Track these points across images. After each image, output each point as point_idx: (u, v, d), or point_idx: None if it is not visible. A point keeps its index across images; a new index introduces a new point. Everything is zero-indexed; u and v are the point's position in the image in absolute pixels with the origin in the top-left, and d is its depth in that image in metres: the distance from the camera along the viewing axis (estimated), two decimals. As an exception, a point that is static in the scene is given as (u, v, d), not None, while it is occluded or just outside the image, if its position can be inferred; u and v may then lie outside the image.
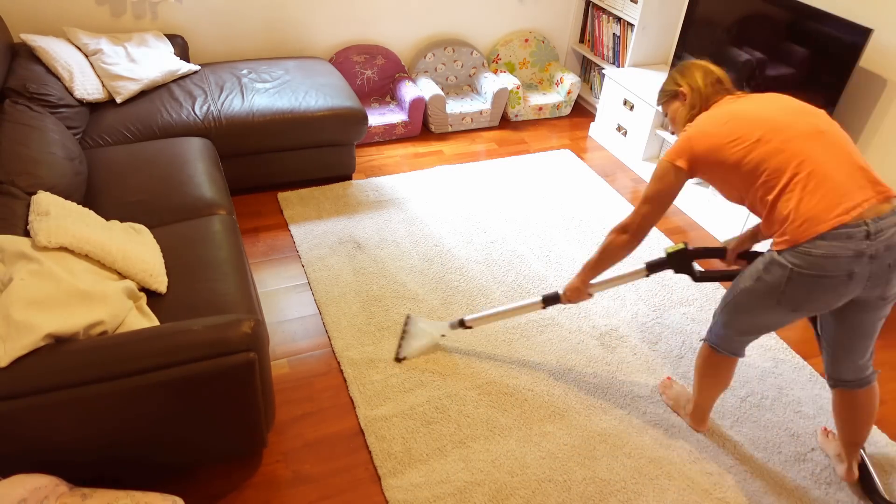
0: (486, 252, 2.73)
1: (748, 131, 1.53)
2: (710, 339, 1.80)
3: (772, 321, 1.61)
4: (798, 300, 1.51)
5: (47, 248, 1.65)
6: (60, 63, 2.59)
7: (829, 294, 1.48)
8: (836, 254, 1.42)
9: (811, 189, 1.44)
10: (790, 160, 1.47)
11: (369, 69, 3.65)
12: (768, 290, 1.54)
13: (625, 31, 3.63)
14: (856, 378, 1.73)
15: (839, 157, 1.47)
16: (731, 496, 1.85)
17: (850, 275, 1.44)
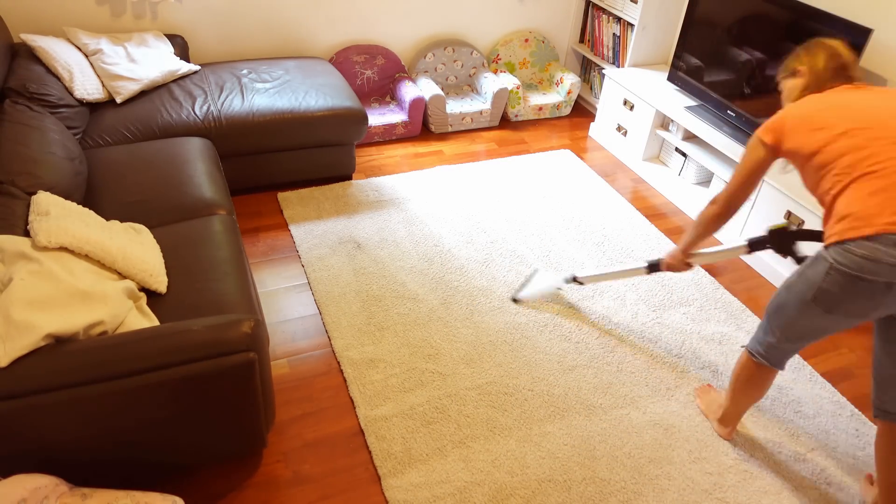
0: (486, 252, 2.73)
1: (838, 121, 1.49)
2: (751, 346, 1.78)
3: (808, 323, 1.58)
4: (832, 299, 1.48)
5: (47, 248, 1.65)
6: (60, 63, 2.59)
7: (864, 300, 1.44)
8: (878, 258, 1.39)
9: (875, 191, 1.41)
10: (866, 159, 1.43)
11: (369, 69, 3.65)
12: (807, 285, 1.53)
13: (625, 31, 3.63)
14: None
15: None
16: (731, 496, 1.85)
17: (890, 285, 1.40)
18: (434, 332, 2.30)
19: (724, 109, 3.02)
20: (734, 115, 2.98)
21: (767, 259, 2.76)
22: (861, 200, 1.42)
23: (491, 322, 2.37)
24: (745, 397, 1.86)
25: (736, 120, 2.98)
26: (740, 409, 1.91)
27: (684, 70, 3.24)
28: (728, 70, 2.99)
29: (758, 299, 2.63)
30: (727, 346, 2.36)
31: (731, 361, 2.30)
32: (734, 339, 2.40)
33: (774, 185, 2.64)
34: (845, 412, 2.14)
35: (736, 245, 1.92)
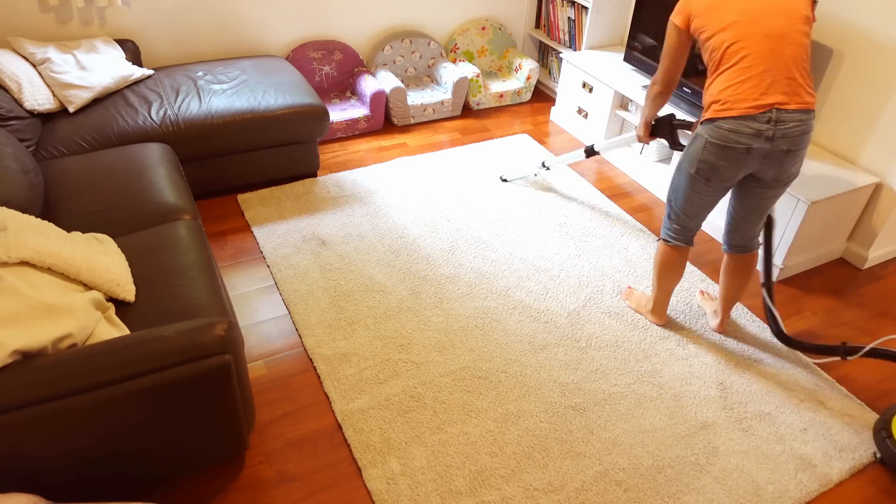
0: (451, 240, 2.77)
1: (728, 13, 1.80)
2: (663, 234, 2.16)
3: (698, 196, 1.97)
4: (709, 168, 1.88)
5: (7, 263, 1.62)
6: (7, 74, 2.53)
7: (731, 165, 1.84)
8: (738, 129, 1.79)
9: (742, 80, 1.77)
10: (740, 51, 1.77)
11: (327, 65, 3.64)
12: (690, 160, 1.92)
13: (579, 14, 3.68)
14: (745, 244, 2.13)
15: (781, 61, 1.76)
16: (704, 459, 1.92)
17: (749, 149, 1.80)
18: (405, 323, 2.33)
19: (681, 87, 3.09)
20: (690, 91, 3.05)
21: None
22: (731, 87, 1.79)
23: (460, 308, 2.41)
24: (667, 280, 2.23)
25: (692, 96, 3.05)
26: (667, 293, 2.28)
27: (639, 50, 3.30)
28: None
29: (719, 270, 2.72)
30: (695, 325, 2.44)
31: (707, 333, 2.38)
32: (707, 319, 2.48)
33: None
34: (805, 369, 2.23)
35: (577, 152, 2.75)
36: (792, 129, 1.78)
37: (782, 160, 1.83)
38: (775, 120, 1.76)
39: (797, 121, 1.78)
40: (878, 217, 2.66)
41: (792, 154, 1.82)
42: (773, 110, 1.75)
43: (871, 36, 2.50)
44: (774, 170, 1.86)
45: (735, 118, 1.78)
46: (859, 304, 2.58)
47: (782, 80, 1.76)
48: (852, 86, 2.62)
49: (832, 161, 2.70)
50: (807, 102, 1.78)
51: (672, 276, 2.20)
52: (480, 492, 1.80)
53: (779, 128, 1.77)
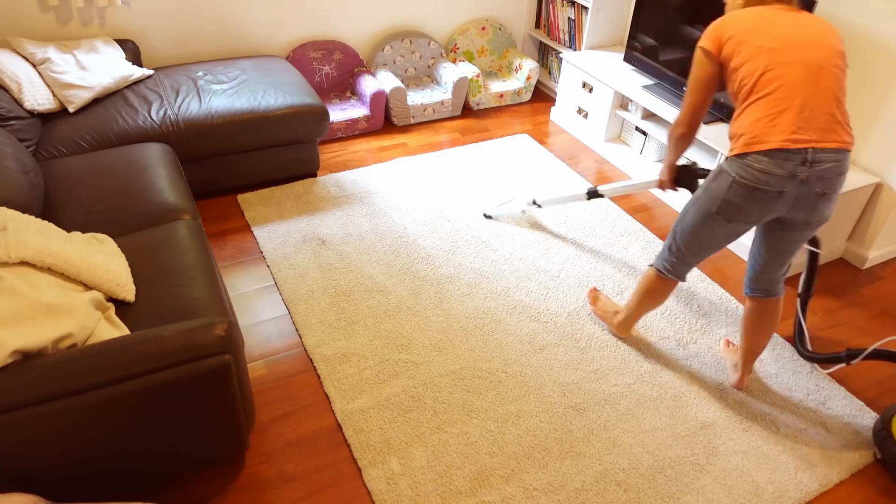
0: (451, 240, 2.77)
1: (764, 39, 1.63)
2: (658, 265, 2.02)
3: (711, 234, 1.80)
4: (734, 209, 1.70)
5: (7, 263, 1.63)
6: (7, 74, 2.53)
7: (760, 206, 1.66)
8: (771, 171, 1.60)
9: (776, 113, 1.59)
10: (775, 81, 1.60)
11: (327, 65, 3.64)
12: (712, 198, 1.73)
13: (579, 14, 3.68)
14: (768, 289, 1.96)
15: (819, 96, 1.59)
16: (704, 459, 1.92)
17: (781, 193, 1.63)
18: (405, 323, 2.33)
19: (681, 86, 3.09)
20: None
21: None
22: (765, 118, 1.60)
23: (461, 308, 2.41)
24: (648, 307, 2.13)
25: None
26: (641, 316, 2.19)
27: (639, 50, 3.30)
28: (682, 48, 3.06)
29: (724, 270, 2.71)
30: (695, 324, 2.44)
31: (706, 335, 2.38)
32: (707, 319, 2.48)
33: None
34: (805, 368, 2.24)
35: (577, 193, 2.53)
36: (828, 171, 1.60)
37: (815, 204, 1.65)
38: (811, 161, 1.58)
39: (834, 161, 1.60)
40: (878, 217, 2.66)
41: (826, 197, 1.65)
42: (808, 150, 1.58)
43: (871, 36, 2.50)
44: (806, 213, 1.68)
45: (767, 153, 1.59)
46: (859, 304, 2.58)
47: (821, 116, 1.59)
48: (852, 86, 2.62)
49: (832, 161, 2.70)
50: (845, 142, 1.61)
51: (654, 304, 2.11)
52: (480, 492, 1.80)
53: (814, 169, 1.59)
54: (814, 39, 1.63)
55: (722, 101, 2.90)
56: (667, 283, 2.02)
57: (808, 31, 1.64)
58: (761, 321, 2.00)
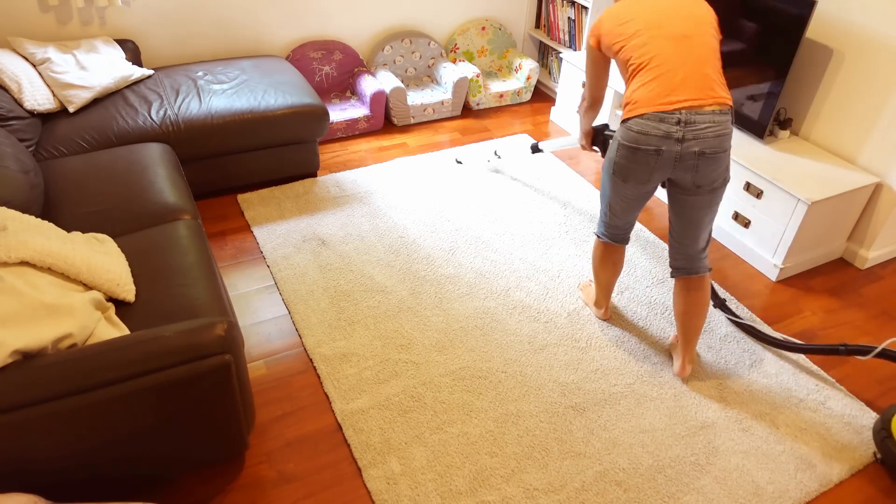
0: (451, 240, 2.77)
1: (633, 25, 1.82)
2: (597, 232, 2.18)
3: (618, 195, 1.96)
4: (622, 169, 1.87)
5: (7, 263, 1.63)
6: (7, 74, 2.53)
7: (643, 166, 1.81)
8: (647, 131, 1.75)
9: (651, 80, 1.76)
10: (647, 54, 1.77)
11: (327, 65, 3.64)
12: (608, 161, 1.93)
13: (579, 14, 3.68)
14: (688, 266, 2.02)
15: (689, 61, 1.74)
16: (704, 459, 1.92)
17: (658, 151, 1.76)
18: (405, 323, 2.33)
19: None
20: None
21: (732, 231, 2.84)
22: (639, 88, 1.77)
23: (460, 308, 2.41)
24: (603, 274, 2.23)
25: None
26: (603, 287, 2.28)
27: (638, 50, 3.30)
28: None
29: (724, 270, 2.71)
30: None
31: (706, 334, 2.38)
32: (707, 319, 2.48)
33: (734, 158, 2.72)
34: (805, 369, 2.23)
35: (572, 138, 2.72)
36: (704, 131, 1.72)
37: (697, 164, 1.76)
38: (685, 121, 1.71)
39: (710, 122, 1.72)
40: (878, 217, 2.66)
41: (707, 158, 1.75)
42: (682, 112, 1.71)
43: (871, 36, 2.49)
44: (691, 174, 1.79)
45: (643, 117, 1.75)
46: (859, 304, 2.58)
47: (693, 77, 1.72)
48: (852, 86, 2.62)
49: (832, 161, 2.70)
50: (722, 98, 1.73)
51: (606, 270, 2.21)
52: (480, 492, 1.80)
53: (689, 129, 1.72)
54: (680, 15, 1.79)
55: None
56: (609, 247, 2.16)
57: (673, 9, 1.81)
58: (688, 301, 2.04)
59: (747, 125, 2.83)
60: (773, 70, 2.64)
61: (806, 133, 2.86)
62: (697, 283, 2.03)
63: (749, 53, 2.73)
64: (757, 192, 2.64)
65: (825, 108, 2.75)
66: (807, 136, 2.86)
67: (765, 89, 2.71)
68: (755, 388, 2.16)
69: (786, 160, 2.68)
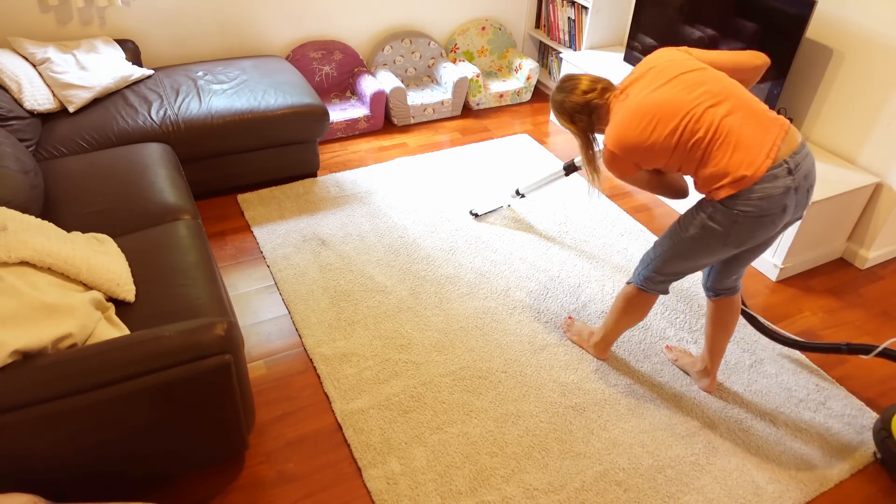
0: (451, 240, 2.77)
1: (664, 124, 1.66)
2: (639, 283, 1.98)
3: (714, 258, 1.81)
4: (743, 238, 1.71)
5: (7, 263, 1.63)
6: (7, 74, 2.53)
7: (769, 227, 1.70)
8: (770, 194, 1.63)
9: (733, 147, 1.63)
10: (707, 131, 1.64)
11: (327, 65, 3.64)
12: (717, 236, 1.73)
13: (579, 14, 3.68)
14: (733, 287, 1.99)
15: (742, 110, 1.65)
16: (704, 459, 1.92)
17: (784, 208, 1.67)
18: (405, 323, 2.33)
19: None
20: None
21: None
22: (731, 158, 1.63)
23: (460, 308, 2.41)
24: (628, 324, 2.09)
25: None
26: (619, 334, 2.15)
27: (640, 50, 3.30)
28: (680, 48, 3.05)
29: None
30: (695, 325, 2.44)
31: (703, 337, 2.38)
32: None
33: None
34: (805, 369, 2.23)
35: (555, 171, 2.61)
36: (807, 165, 1.67)
37: (807, 200, 1.73)
38: (793, 167, 1.63)
39: (805, 154, 1.67)
40: (878, 217, 2.66)
41: (812, 189, 1.73)
42: (786, 160, 1.62)
43: (871, 36, 2.49)
44: (800, 211, 1.75)
45: (758, 183, 1.61)
46: (859, 304, 2.58)
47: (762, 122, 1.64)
48: (852, 86, 2.62)
49: (832, 161, 2.70)
50: (794, 131, 1.67)
51: (636, 320, 2.07)
52: (480, 492, 1.80)
53: (798, 171, 1.64)
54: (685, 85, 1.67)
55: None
56: (649, 297, 2.00)
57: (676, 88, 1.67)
58: (727, 319, 2.03)
59: (747, 125, 2.83)
60: (774, 70, 2.64)
61: (806, 133, 2.86)
62: (737, 302, 2.01)
63: (749, 53, 2.73)
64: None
65: (825, 108, 2.75)
66: (807, 136, 2.86)
67: (765, 89, 2.71)
68: (755, 388, 2.16)
69: (786, 160, 2.68)
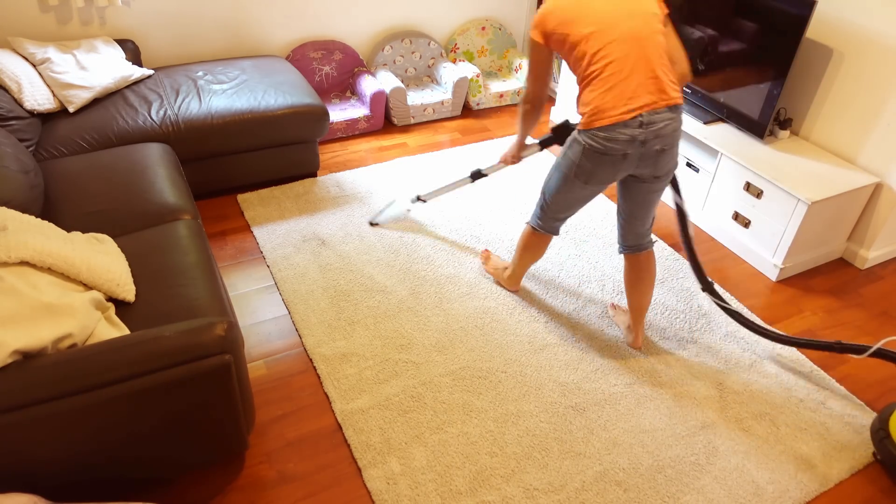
0: (451, 239, 2.76)
1: (585, 24, 1.82)
2: (532, 222, 2.23)
3: (573, 195, 2.02)
4: (587, 173, 1.92)
5: (7, 263, 1.63)
6: (7, 74, 2.53)
7: (609, 169, 1.89)
8: (615, 137, 1.82)
9: (609, 89, 1.79)
10: (603, 59, 1.79)
11: (327, 65, 3.64)
12: (569, 164, 1.95)
13: (579, 14, 3.67)
14: (637, 244, 2.15)
15: (644, 63, 1.79)
16: (704, 459, 1.92)
17: (625, 155, 1.85)
18: (405, 322, 2.33)
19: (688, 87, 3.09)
20: (690, 91, 3.05)
21: (732, 231, 2.84)
22: (600, 96, 1.80)
23: (461, 308, 2.41)
24: (529, 259, 2.34)
25: (692, 96, 3.05)
26: (525, 268, 2.40)
27: (638, 50, 3.30)
28: (680, 48, 3.05)
29: (724, 269, 2.71)
30: (695, 325, 2.44)
31: (707, 334, 2.38)
32: (707, 318, 2.48)
33: (734, 158, 2.72)
34: (805, 369, 2.24)
35: (532, 142, 2.47)
36: (663, 129, 1.82)
37: (657, 159, 1.88)
38: (646, 123, 1.80)
39: (668, 119, 1.82)
40: (878, 217, 2.66)
41: (666, 153, 1.88)
42: (642, 115, 1.79)
43: (871, 36, 2.49)
44: (651, 168, 1.91)
45: (609, 127, 1.80)
46: (859, 304, 2.58)
47: (648, 81, 1.79)
48: (852, 86, 2.62)
49: (832, 161, 2.70)
50: (674, 99, 1.82)
51: (534, 256, 2.32)
52: (480, 492, 1.80)
53: (650, 129, 1.81)
54: (629, 11, 1.80)
55: (722, 101, 2.90)
56: (542, 237, 2.24)
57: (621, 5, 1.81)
58: (639, 276, 2.18)
59: (747, 125, 2.83)
60: (773, 70, 2.64)
61: (806, 133, 2.86)
62: (647, 258, 2.17)
63: (749, 53, 2.73)
64: (757, 192, 2.64)
65: (825, 108, 2.75)
66: (807, 136, 2.86)
67: (765, 89, 2.71)
68: (755, 388, 2.16)
69: (786, 160, 2.68)
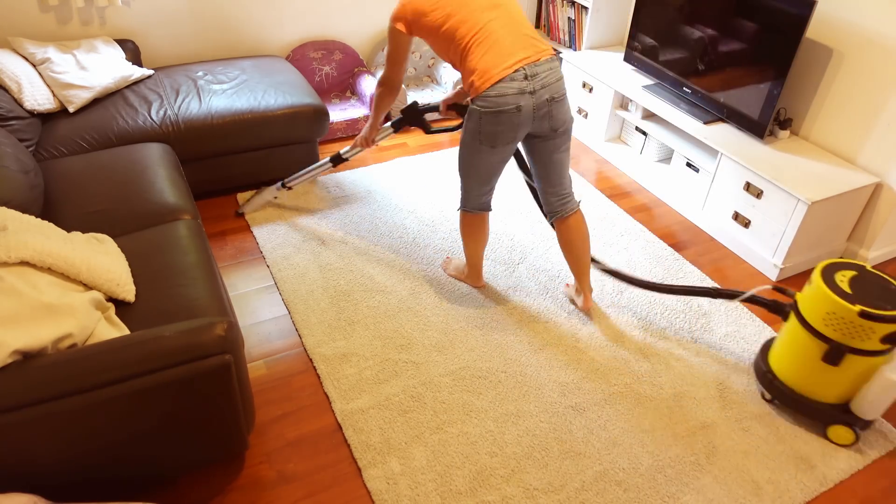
0: (450, 240, 2.77)
1: (442, 9, 1.94)
2: (462, 206, 2.27)
3: (486, 163, 2.07)
4: (490, 135, 1.97)
5: (7, 263, 1.63)
6: (7, 74, 2.53)
7: (508, 126, 1.95)
8: (504, 93, 1.90)
9: (487, 51, 1.91)
10: (472, 28, 1.92)
11: (327, 65, 3.64)
12: (472, 134, 2.01)
13: (579, 14, 3.68)
14: (563, 206, 2.23)
15: (508, 25, 1.94)
16: (704, 459, 1.92)
17: (518, 108, 1.92)
18: (405, 322, 2.33)
19: (680, 87, 3.10)
20: (690, 91, 3.05)
21: (732, 231, 2.84)
22: (480, 59, 1.91)
23: (461, 308, 2.41)
24: (476, 245, 2.35)
25: (692, 96, 3.05)
26: (478, 257, 2.41)
27: (639, 50, 3.30)
28: (682, 48, 3.06)
29: (724, 269, 2.71)
30: (695, 325, 2.44)
31: (707, 334, 2.38)
32: (707, 318, 2.48)
33: (733, 158, 2.72)
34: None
35: (386, 125, 2.50)
36: (547, 78, 1.93)
37: (550, 109, 1.97)
38: (530, 75, 1.90)
39: (548, 69, 1.93)
40: (878, 217, 2.66)
41: (557, 102, 1.97)
42: (524, 67, 1.89)
43: (871, 36, 2.49)
44: (548, 121, 1.99)
45: (496, 84, 1.89)
46: (859, 304, 2.57)
47: (519, 40, 1.92)
48: (852, 86, 2.62)
49: (832, 161, 2.70)
50: (548, 51, 1.95)
51: (479, 239, 2.32)
52: (480, 492, 1.80)
53: (535, 80, 1.91)
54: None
55: (721, 101, 2.90)
56: (476, 217, 2.26)
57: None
58: (571, 237, 2.25)
59: (747, 125, 2.83)
60: (773, 70, 2.64)
61: (806, 133, 2.86)
62: (576, 220, 2.24)
63: (749, 53, 2.73)
64: (757, 192, 2.64)
65: (825, 108, 2.75)
66: (807, 136, 2.86)
67: (765, 89, 2.71)
68: (755, 388, 2.16)
69: (786, 160, 2.68)
